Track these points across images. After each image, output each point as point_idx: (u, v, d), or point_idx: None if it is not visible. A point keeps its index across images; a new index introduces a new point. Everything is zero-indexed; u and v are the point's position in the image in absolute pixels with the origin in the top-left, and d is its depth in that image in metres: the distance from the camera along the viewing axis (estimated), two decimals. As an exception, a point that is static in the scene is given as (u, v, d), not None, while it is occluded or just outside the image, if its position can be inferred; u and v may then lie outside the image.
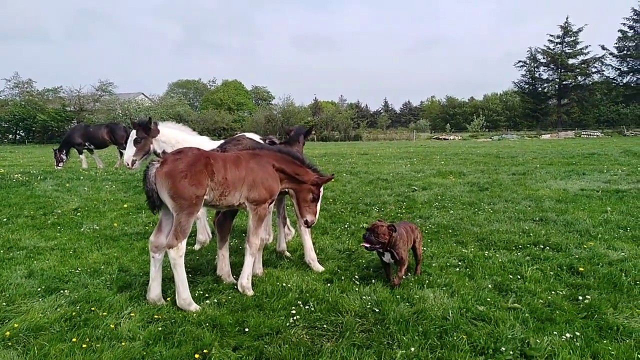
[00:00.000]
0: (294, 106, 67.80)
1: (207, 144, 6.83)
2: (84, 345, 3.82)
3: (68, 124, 54.10)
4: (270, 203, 5.34)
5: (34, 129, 57.99)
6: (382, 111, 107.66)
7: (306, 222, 5.59)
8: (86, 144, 18.69)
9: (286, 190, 5.61)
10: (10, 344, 3.90)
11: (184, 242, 4.62)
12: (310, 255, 5.91)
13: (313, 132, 61.82)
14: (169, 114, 60.26)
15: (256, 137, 7.61)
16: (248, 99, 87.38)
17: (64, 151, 18.21)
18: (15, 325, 4.18)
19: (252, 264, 5.20)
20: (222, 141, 7.67)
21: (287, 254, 6.56)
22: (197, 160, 4.64)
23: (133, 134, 6.74)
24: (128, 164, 6.81)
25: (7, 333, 4.03)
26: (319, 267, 5.83)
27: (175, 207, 4.55)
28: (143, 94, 77.07)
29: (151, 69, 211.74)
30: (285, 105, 67.90)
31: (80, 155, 18.73)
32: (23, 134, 59.41)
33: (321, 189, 5.58)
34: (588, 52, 73.78)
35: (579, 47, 74.26)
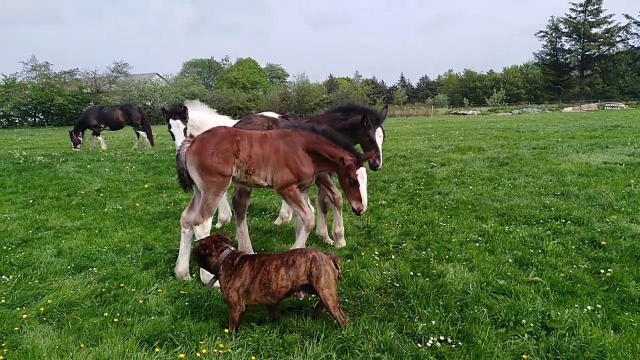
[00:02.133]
0: (308, 84, 67.24)
1: (229, 123, 6.86)
2: (115, 320, 3.97)
3: (85, 106, 54.67)
4: (300, 186, 5.03)
5: (52, 111, 58.81)
6: (398, 87, 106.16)
7: (353, 210, 5.00)
8: (101, 125, 18.90)
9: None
10: (45, 319, 4.07)
11: (210, 219, 4.78)
12: (337, 230, 5.95)
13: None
14: (184, 93, 60.39)
15: (276, 116, 7.63)
16: (262, 77, 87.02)
17: (80, 133, 18.47)
18: (49, 301, 4.36)
19: (304, 240, 5.15)
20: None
21: (329, 239, 6.20)
22: (224, 138, 4.73)
23: (179, 123, 6.68)
24: None
25: (42, 309, 4.20)
26: (342, 243, 5.89)
27: (202, 184, 4.71)
28: (158, 74, 77.27)
29: (165, 50, 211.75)
30: (300, 82, 67.41)
31: (98, 137, 18.97)
32: (42, 117, 60.34)
33: (359, 172, 4.84)
34: (612, 21, 71.42)
35: (602, 15, 71.82)
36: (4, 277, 5.03)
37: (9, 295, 4.57)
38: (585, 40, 72.37)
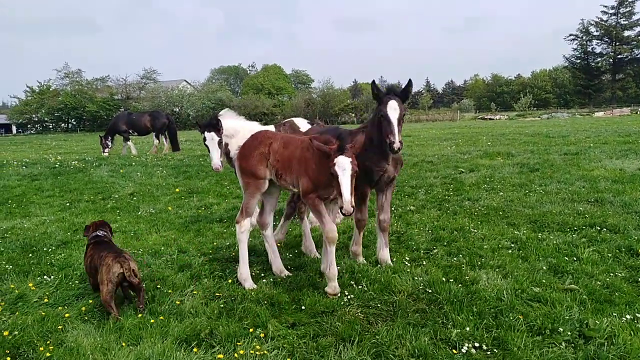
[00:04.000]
0: (333, 89, 67.48)
1: (258, 128, 6.98)
2: (152, 320, 4.08)
3: (116, 112, 56.35)
4: (320, 196, 4.66)
5: (84, 117, 60.68)
6: (423, 91, 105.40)
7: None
8: (130, 130, 19.39)
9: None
10: (86, 318, 4.22)
11: (248, 220, 5.01)
12: (354, 249, 5.64)
13: (353, 114, 61.50)
14: (211, 99, 61.46)
15: (303, 122, 7.73)
16: (287, 83, 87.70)
17: (110, 138, 19.00)
18: (90, 301, 4.52)
19: (332, 254, 4.66)
20: (270, 125, 7.82)
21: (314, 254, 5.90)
22: (259, 142, 4.97)
23: (213, 136, 6.67)
24: (219, 168, 6.71)
25: (83, 308, 4.36)
26: (360, 260, 5.57)
27: (242, 186, 5.05)
28: (185, 80, 78.83)
29: (193, 56, 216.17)
30: (325, 88, 67.68)
31: (128, 142, 19.43)
32: (74, 122, 62.27)
33: (339, 162, 4.22)
34: (646, 23, 69.27)
35: (634, 18, 69.94)
36: (45, 277, 5.23)
37: (51, 294, 4.75)
38: (617, 44, 70.58)
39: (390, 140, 4.55)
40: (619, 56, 71.09)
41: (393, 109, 4.65)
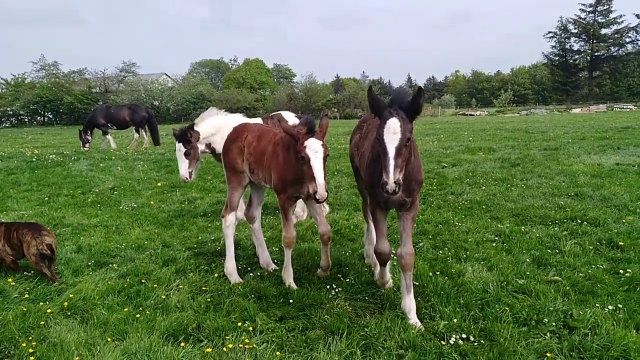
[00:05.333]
0: (316, 84, 67.33)
1: (241, 120, 6.93)
2: (138, 315, 4.02)
3: (94, 106, 55.19)
4: (290, 196, 4.44)
5: (61, 110, 59.22)
6: (405, 87, 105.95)
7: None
8: (109, 124, 19.00)
9: None
10: (69, 313, 4.13)
11: (233, 214, 4.98)
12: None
13: (335, 109, 61.53)
14: (191, 93, 60.65)
15: (291, 116, 7.68)
16: (270, 77, 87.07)
17: (88, 132, 18.58)
18: (71, 296, 4.42)
19: (287, 258, 4.66)
20: (257, 118, 7.76)
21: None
22: (236, 135, 4.96)
23: (180, 147, 6.69)
24: (187, 178, 6.81)
25: (65, 304, 4.26)
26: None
27: (226, 179, 5.05)
28: (166, 74, 77.69)
29: (174, 50, 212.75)
30: (308, 83, 67.47)
31: (107, 136, 19.04)
32: (51, 116, 60.78)
33: (310, 145, 3.91)
34: (622, 22, 71.14)
35: (612, 16, 71.59)
36: (25, 272, 5.09)
37: (32, 290, 4.64)
38: (595, 41, 72.06)
39: (382, 180, 3.32)
40: (596, 54, 72.60)
41: (392, 132, 3.36)
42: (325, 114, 5.09)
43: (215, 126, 6.84)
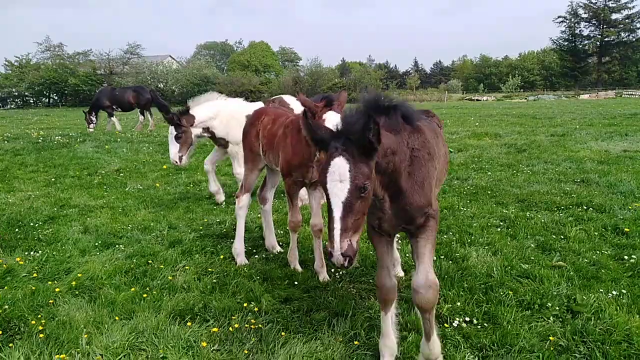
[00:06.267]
0: (321, 67, 66.82)
1: (240, 106, 6.95)
2: (145, 295, 4.07)
3: (99, 87, 55.09)
4: (295, 180, 4.39)
5: (66, 92, 59.24)
6: (411, 71, 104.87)
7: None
8: (113, 106, 18.97)
9: None
10: (77, 292, 4.19)
11: (247, 195, 5.03)
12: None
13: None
14: (196, 76, 60.37)
15: (292, 99, 7.64)
16: (275, 60, 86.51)
17: (94, 113, 18.56)
18: (79, 276, 4.47)
19: (292, 241, 4.71)
20: (258, 102, 7.73)
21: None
22: (255, 118, 4.96)
23: (172, 130, 6.54)
24: (176, 162, 6.62)
25: (73, 283, 4.32)
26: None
27: (243, 161, 5.14)
28: (171, 56, 77.22)
29: (179, 32, 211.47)
30: (313, 66, 66.97)
31: (112, 118, 19.03)
32: (56, 97, 60.82)
33: (330, 118, 3.76)
34: (633, 7, 69.97)
35: (623, 0, 70.03)
36: (33, 252, 5.16)
37: (40, 269, 4.70)
38: (605, 26, 70.98)
39: (327, 248, 2.48)
40: (605, 39, 71.54)
41: (335, 180, 2.41)
42: (343, 88, 5.06)
43: (214, 110, 6.75)
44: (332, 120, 3.68)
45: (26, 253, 5.12)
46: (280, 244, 5.41)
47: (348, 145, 2.42)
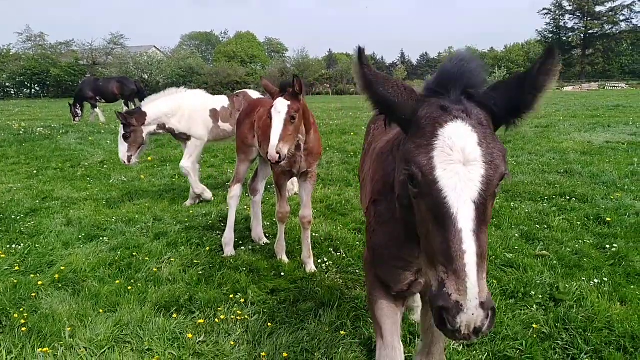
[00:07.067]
0: (308, 59, 66.55)
1: (199, 100, 6.89)
2: (129, 287, 4.03)
3: (81, 78, 54.05)
4: (282, 170, 4.35)
5: (48, 83, 58.07)
6: (398, 63, 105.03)
7: None
8: (97, 97, 18.65)
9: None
10: (60, 285, 4.13)
11: (238, 186, 5.03)
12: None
13: (327, 85, 61.02)
14: (181, 67, 59.63)
15: (256, 94, 7.50)
16: (261, 51, 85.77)
17: (78, 105, 18.25)
18: (62, 268, 4.41)
19: (280, 232, 4.70)
20: (222, 96, 7.59)
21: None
22: (250, 110, 4.95)
23: (120, 130, 6.44)
24: (125, 161, 6.53)
25: (56, 276, 4.26)
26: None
27: (236, 151, 5.11)
28: (155, 47, 76.04)
29: (163, 22, 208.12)
30: (300, 57, 66.67)
31: (96, 109, 18.71)
32: (37, 89, 59.58)
33: (277, 105, 3.84)
34: (616, -1, 70.44)
35: (607, -7, 70.82)
36: (15, 245, 5.07)
37: (22, 262, 4.62)
38: (589, 19, 71.66)
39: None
40: (589, 31, 72.29)
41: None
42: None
43: (172, 106, 6.64)
44: (277, 106, 3.73)
45: (8, 246, 5.03)
46: (267, 235, 5.39)
47: (472, 107, 1.58)
